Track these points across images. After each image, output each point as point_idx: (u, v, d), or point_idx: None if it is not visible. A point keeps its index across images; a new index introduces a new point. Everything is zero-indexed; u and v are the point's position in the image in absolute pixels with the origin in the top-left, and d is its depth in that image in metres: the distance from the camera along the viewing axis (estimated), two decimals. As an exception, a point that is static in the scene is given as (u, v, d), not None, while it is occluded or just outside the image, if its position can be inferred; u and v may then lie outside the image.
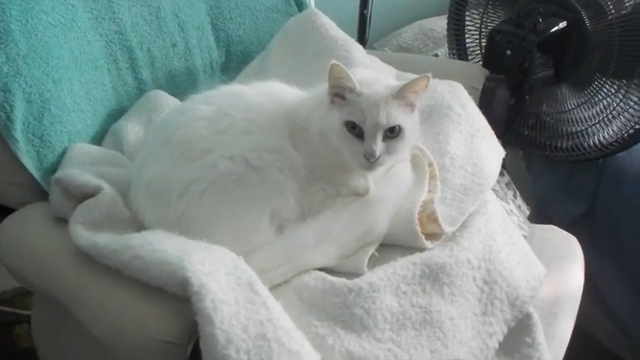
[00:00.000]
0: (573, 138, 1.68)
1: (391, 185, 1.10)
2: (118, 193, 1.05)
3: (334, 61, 0.99)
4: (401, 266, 0.98)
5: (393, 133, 1.00)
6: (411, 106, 1.03)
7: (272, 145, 1.04)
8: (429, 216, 1.06)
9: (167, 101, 1.35)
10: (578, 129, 1.66)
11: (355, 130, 0.99)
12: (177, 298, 0.83)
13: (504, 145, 1.32)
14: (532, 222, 1.45)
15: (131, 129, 1.27)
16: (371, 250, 1.02)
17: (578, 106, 1.65)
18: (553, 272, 1.24)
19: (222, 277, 0.83)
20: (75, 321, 0.94)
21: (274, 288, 0.93)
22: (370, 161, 0.98)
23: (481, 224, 1.09)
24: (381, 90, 1.00)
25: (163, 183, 1.00)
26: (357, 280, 0.95)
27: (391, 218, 1.04)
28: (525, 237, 1.27)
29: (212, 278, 0.82)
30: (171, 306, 0.84)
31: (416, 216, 1.03)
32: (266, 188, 1.00)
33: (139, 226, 1.01)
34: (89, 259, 0.93)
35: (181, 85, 1.47)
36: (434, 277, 0.99)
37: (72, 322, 0.95)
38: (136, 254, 0.88)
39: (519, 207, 1.49)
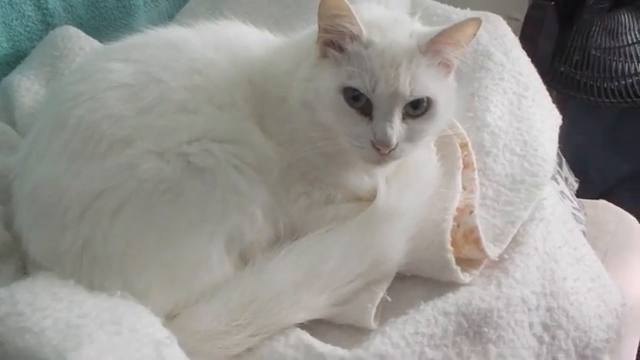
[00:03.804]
0: (627, 79, 1.49)
1: (409, 185, 0.82)
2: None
3: None
4: (426, 319, 0.75)
5: (418, 109, 0.75)
6: (447, 66, 0.78)
7: (227, 130, 0.77)
8: (467, 234, 0.80)
9: (81, 43, 1.08)
10: (638, 69, 1.47)
11: (359, 102, 0.74)
12: None
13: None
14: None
15: (27, 88, 1.05)
16: (381, 292, 0.77)
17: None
18: (610, 270, 0.99)
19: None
20: None
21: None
22: (382, 152, 0.73)
23: (538, 237, 0.84)
24: (402, 39, 0.74)
25: (55, 194, 0.74)
26: (359, 351, 0.71)
27: (410, 239, 0.78)
28: (584, 233, 1.04)
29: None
30: None
31: (448, 237, 0.78)
32: (218, 201, 0.74)
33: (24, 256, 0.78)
34: None
35: (108, 15, 1.22)
36: (475, 332, 0.76)
37: None
38: None
39: (566, 180, 1.22)
